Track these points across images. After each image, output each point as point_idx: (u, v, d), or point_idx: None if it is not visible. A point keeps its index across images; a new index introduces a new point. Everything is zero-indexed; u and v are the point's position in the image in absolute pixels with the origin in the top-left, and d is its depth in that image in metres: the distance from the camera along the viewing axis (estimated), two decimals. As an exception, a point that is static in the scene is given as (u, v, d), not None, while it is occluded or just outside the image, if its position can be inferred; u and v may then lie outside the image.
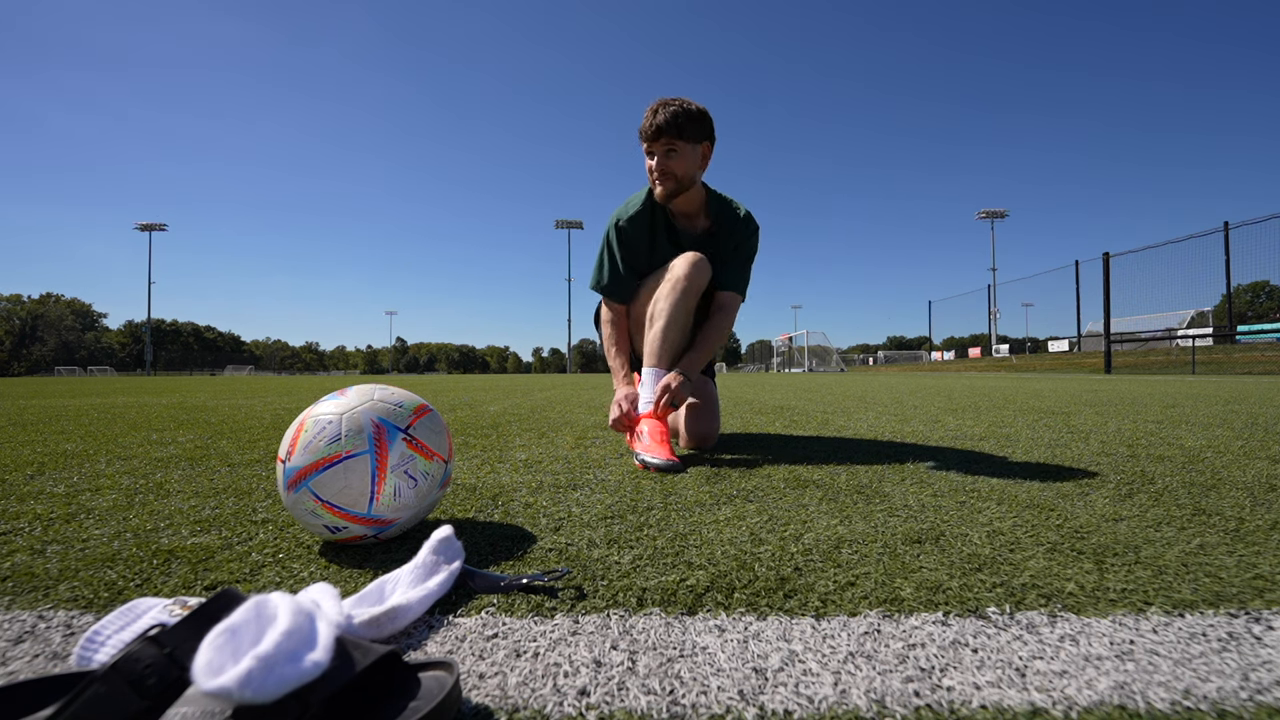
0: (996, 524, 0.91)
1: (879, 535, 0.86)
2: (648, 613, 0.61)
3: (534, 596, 0.64)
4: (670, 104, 1.64)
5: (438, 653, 0.53)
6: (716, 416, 1.77)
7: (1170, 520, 0.94)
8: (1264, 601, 0.63)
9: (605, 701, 0.45)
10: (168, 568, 0.74)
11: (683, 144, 1.64)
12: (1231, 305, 16.95)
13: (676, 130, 1.62)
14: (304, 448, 0.79)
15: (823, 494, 1.12)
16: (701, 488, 1.18)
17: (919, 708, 0.44)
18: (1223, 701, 0.45)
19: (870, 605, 0.62)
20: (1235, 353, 16.26)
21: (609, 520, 0.95)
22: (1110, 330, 15.04)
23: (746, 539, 0.85)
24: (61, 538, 0.88)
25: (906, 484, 1.21)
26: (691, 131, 1.64)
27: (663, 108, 1.64)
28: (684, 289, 1.64)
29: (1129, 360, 17.88)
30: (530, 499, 1.10)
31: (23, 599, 0.65)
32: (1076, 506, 1.02)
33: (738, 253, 1.80)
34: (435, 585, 0.60)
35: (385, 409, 0.85)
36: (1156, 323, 20.00)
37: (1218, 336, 16.48)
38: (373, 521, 0.80)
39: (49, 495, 1.17)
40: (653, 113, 1.65)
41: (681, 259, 1.67)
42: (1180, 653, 0.52)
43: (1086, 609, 0.61)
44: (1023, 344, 39.59)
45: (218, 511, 1.02)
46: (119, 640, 0.48)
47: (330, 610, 0.46)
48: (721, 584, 0.68)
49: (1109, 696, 0.45)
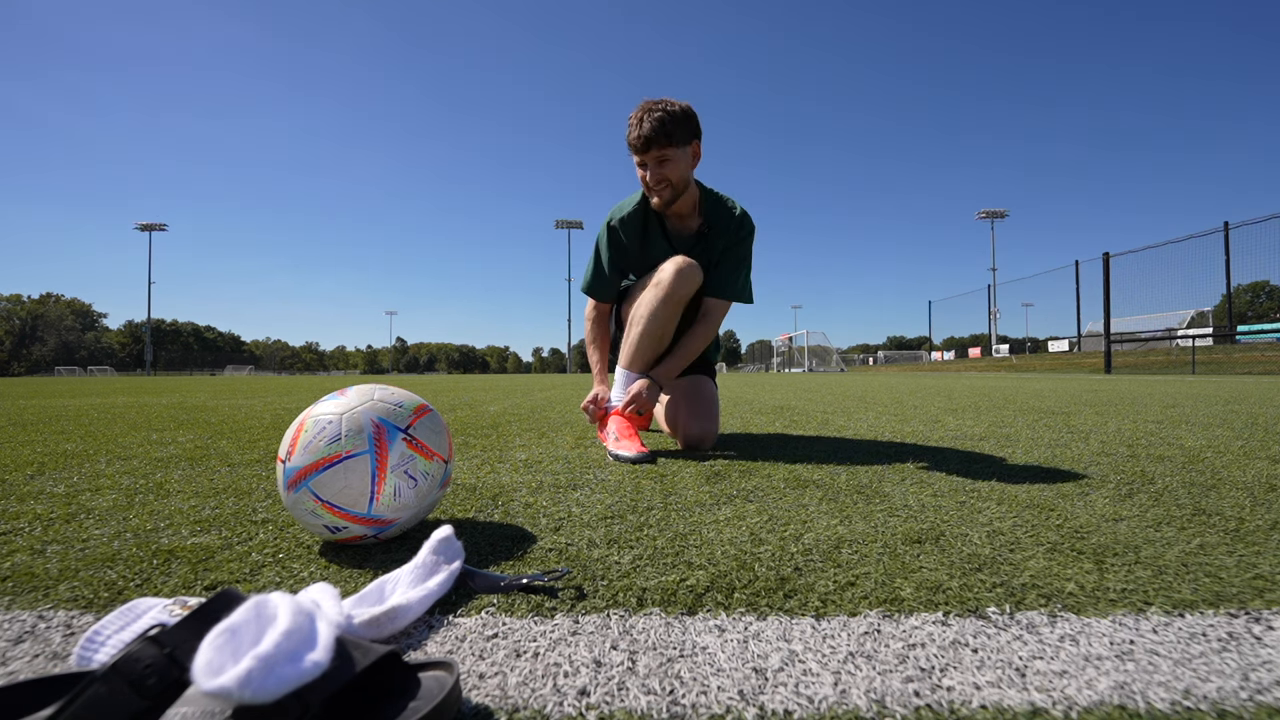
0: (996, 524, 0.91)
1: (879, 535, 0.86)
2: (648, 613, 0.61)
3: (534, 596, 0.64)
4: (654, 110, 1.60)
5: (438, 653, 0.53)
6: (715, 417, 1.77)
7: (1170, 520, 0.94)
8: (1264, 601, 0.63)
9: (605, 701, 0.45)
10: (168, 568, 0.74)
11: (673, 150, 1.62)
12: (1231, 305, 16.96)
13: (666, 138, 1.60)
14: (304, 448, 0.79)
15: (823, 494, 1.12)
16: (701, 488, 1.18)
17: (919, 708, 0.44)
18: (1223, 701, 0.45)
19: (870, 605, 0.62)
20: (1235, 353, 16.26)
21: (609, 520, 0.95)
22: (1110, 330, 15.04)
23: (746, 539, 0.85)
24: (61, 538, 0.88)
25: (906, 484, 1.21)
26: (680, 135, 1.62)
27: (647, 115, 1.60)
28: (665, 296, 1.64)
29: (1129, 360, 17.88)
30: (530, 499, 1.10)
31: (23, 599, 0.65)
32: (1076, 506, 1.02)
33: (729, 255, 1.78)
34: (435, 585, 0.60)
35: (385, 409, 0.85)
36: (1156, 323, 20.01)
37: (1218, 336, 16.48)
38: (373, 521, 0.80)
39: (49, 495, 1.17)
40: (638, 123, 1.61)
41: (670, 264, 1.67)
42: (1180, 653, 0.52)
43: (1086, 609, 0.61)
44: (1023, 344, 39.59)
45: (218, 511, 1.02)
46: (119, 640, 0.48)
47: (330, 610, 0.46)
48: (721, 584, 0.68)
49: (1109, 696, 0.45)
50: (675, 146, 1.62)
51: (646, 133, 1.59)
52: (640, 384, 1.63)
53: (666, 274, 1.65)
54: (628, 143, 1.66)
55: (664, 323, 1.67)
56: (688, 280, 1.66)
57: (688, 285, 1.66)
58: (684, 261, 1.66)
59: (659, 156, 1.63)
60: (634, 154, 1.67)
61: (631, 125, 1.63)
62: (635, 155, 1.67)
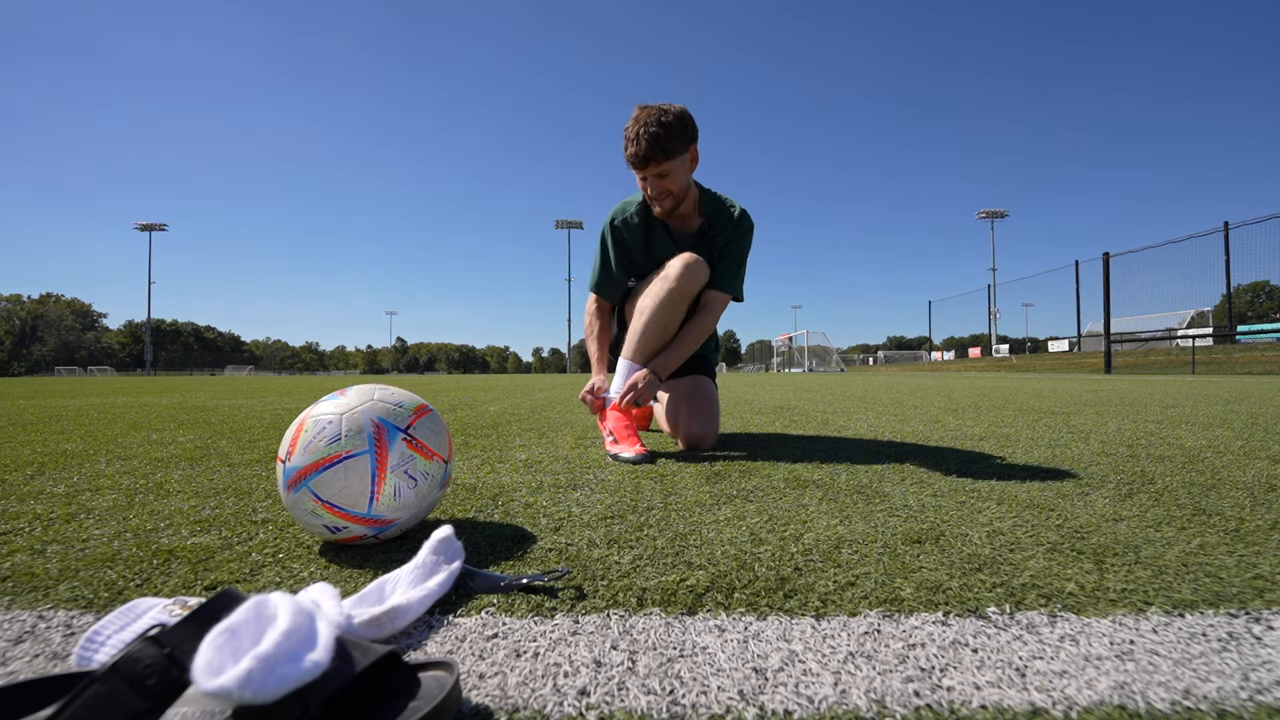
0: (996, 524, 0.91)
1: (879, 535, 0.86)
2: (648, 613, 0.61)
3: (534, 596, 0.64)
4: (648, 124, 1.58)
5: (438, 653, 0.53)
6: (715, 417, 1.77)
7: (1170, 520, 0.94)
8: (1264, 601, 0.63)
9: (605, 701, 0.45)
10: (168, 568, 0.74)
11: (671, 163, 1.62)
12: (1231, 305, 16.96)
13: (663, 153, 1.59)
14: (304, 448, 0.79)
15: (823, 494, 1.12)
16: (701, 488, 1.18)
17: (919, 708, 0.44)
18: (1223, 701, 0.45)
19: (870, 605, 0.62)
20: (1235, 353, 16.26)
21: (609, 520, 0.95)
22: (1110, 330, 15.04)
23: (746, 539, 0.85)
24: (61, 538, 0.88)
25: (906, 484, 1.21)
26: (676, 146, 1.61)
27: (643, 131, 1.58)
28: (671, 289, 1.65)
29: (1129, 360, 17.88)
30: (530, 499, 1.10)
31: (23, 599, 0.65)
32: (1076, 506, 1.02)
33: (729, 251, 1.78)
34: (435, 585, 0.60)
35: (385, 409, 0.85)
36: (1156, 323, 20.01)
37: (1218, 336, 16.48)
38: (373, 521, 0.80)
39: (49, 495, 1.17)
40: (634, 139, 1.60)
41: (678, 260, 1.68)
42: (1180, 653, 0.52)
43: (1086, 609, 0.61)
44: (1023, 344, 39.59)
45: (218, 511, 1.02)
46: (119, 640, 0.48)
47: (330, 610, 0.46)
48: (721, 584, 0.68)
49: (1109, 696, 0.45)
50: (672, 159, 1.62)
51: (643, 151, 1.59)
52: (639, 374, 1.63)
53: (674, 269, 1.66)
54: (625, 158, 1.65)
55: (670, 316, 1.67)
56: (696, 275, 1.67)
57: (696, 279, 1.67)
58: (691, 257, 1.67)
59: (657, 171, 1.63)
60: (633, 169, 1.67)
61: (628, 141, 1.62)
62: (634, 170, 1.67)
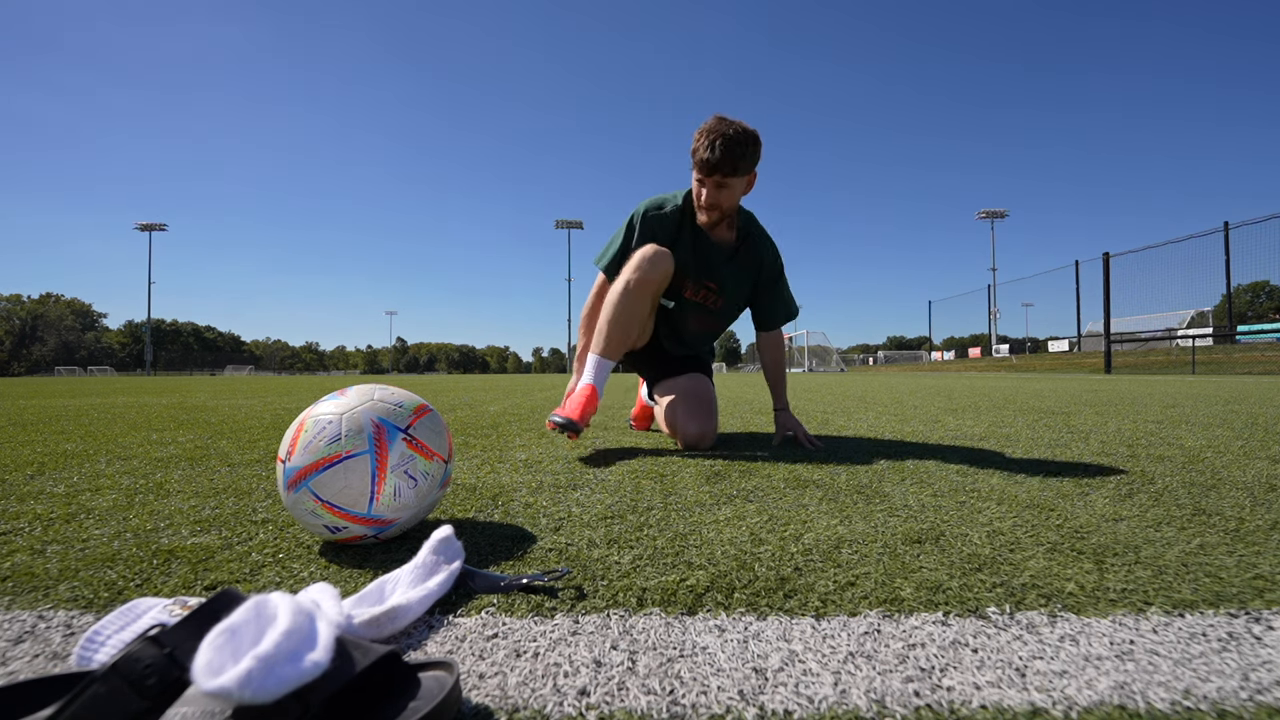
0: (996, 524, 0.91)
1: (879, 535, 0.86)
2: (648, 613, 0.61)
3: (534, 596, 0.64)
4: (730, 136, 1.58)
5: (438, 653, 0.53)
6: (713, 416, 1.77)
7: (1170, 520, 0.94)
8: (1264, 601, 0.63)
9: (605, 701, 0.45)
10: (168, 568, 0.74)
11: (736, 178, 1.63)
12: (1231, 305, 16.97)
13: (732, 169, 1.60)
14: (304, 448, 0.79)
15: (823, 494, 1.12)
16: (701, 488, 1.18)
17: (919, 708, 0.44)
18: (1223, 701, 0.45)
19: (870, 605, 0.62)
20: (1235, 353, 16.25)
21: (609, 520, 0.95)
22: (1110, 330, 15.04)
23: (746, 539, 0.85)
24: (61, 538, 0.88)
25: (906, 484, 1.21)
26: (745, 165, 1.62)
27: (721, 140, 1.57)
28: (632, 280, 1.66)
29: (1129, 360, 17.88)
30: (530, 499, 1.10)
31: (23, 599, 0.65)
32: (1076, 506, 1.02)
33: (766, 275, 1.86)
34: (435, 585, 0.60)
35: (385, 409, 0.85)
36: (1156, 323, 20.01)
37: (1218, 336, 16.48)
38: (373, 521, 0.80)
39: (49, 495, 1.17)
40: (709, 145, 1.59)
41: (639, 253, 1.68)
42: (1180, 653, 0.52)
43: (1086, 609, 0.61)
44: (1023, 344, 39.58)
45: (218, 511, 1.02)
46: (119, 640, 0.48)
47: (330, 610, 0.46)
48: (721, 584, 0.68)
49: (1109, 696, 0.45)
50: (738, 175, 1.63)
51: (716, 159, 1.58)
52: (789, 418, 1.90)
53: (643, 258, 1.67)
54: (693, 158, 1.64)
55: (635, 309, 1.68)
56: (658, 265, 1.67)
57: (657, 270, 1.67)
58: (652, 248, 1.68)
59: (720, 182, 1.63)
60: (696, 170, 1.66)
61: (701, 144, 1.61)
62: (697, 173, 1.66)
